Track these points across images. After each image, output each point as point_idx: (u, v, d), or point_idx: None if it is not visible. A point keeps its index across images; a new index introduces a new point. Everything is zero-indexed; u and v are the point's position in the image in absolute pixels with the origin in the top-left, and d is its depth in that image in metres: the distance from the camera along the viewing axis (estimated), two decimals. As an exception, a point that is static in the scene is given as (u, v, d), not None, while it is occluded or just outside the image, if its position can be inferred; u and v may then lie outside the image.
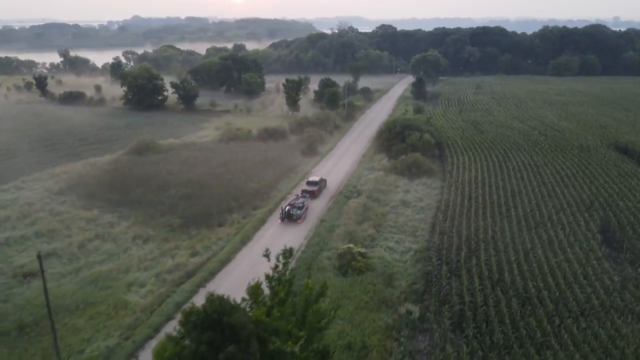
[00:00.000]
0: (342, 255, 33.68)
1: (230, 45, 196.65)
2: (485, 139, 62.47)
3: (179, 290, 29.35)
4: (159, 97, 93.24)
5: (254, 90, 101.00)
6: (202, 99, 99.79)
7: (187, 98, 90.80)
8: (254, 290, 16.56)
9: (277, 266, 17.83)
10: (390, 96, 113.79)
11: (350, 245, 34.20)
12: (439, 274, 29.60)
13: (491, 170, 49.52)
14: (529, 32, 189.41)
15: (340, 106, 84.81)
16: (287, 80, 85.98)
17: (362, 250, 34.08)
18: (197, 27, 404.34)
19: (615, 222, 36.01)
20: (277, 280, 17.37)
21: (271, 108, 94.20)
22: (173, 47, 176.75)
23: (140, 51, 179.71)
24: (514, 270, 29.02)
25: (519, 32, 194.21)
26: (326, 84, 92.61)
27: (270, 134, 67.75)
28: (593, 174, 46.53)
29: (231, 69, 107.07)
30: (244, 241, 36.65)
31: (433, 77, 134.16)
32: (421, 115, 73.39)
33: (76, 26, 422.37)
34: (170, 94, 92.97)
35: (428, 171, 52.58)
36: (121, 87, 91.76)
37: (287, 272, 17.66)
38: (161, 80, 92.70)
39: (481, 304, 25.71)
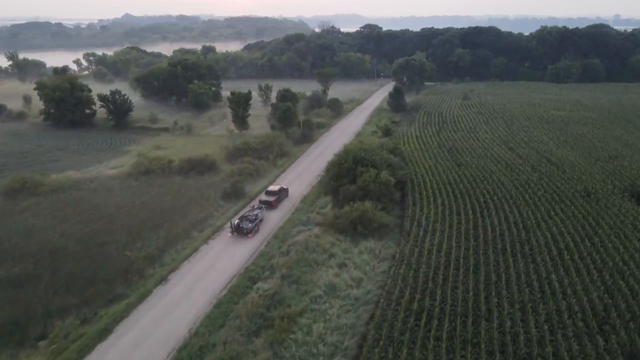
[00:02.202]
0: None
1: (207, 46, 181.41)
2: (463, 175, 48.56)
3: None
4: (87, 111, 79.21)
5: (202, 102, 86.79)
6: (143, 113, 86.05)
7: (118, 113, 76.79)
8: None
9: None
10: (364, 108, 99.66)
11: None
12: None
13: (462, 234, 35.62)
14: (528, 31, 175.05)
15: (296, 125, 70.83)
16: (231, 92, 72.09)
17: (227, 414, 20.37)
18: (182, 27, 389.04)
19: (647, 355, 22.16)
20: None
21: (219, 125, 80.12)
22: (137, 49, 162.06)
23: (100, 52, 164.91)
24: None
25: (518, 31, 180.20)
26: (284, 97, 78.59)
27: (194, 166, 53.80)
28: (605, 246, 32.60)
29: (179, 77, 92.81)
30: (49, 384, 22.82)
31: (417, 83, 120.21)
32: (387, 140, 59.34)
33: (59, 25, 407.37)
34: (98, 107, 79.01)
35: (379, 230, 38.78)
36: (40, 99, 77.72)
37: None
38: (88, 91, 78.55)
39: None
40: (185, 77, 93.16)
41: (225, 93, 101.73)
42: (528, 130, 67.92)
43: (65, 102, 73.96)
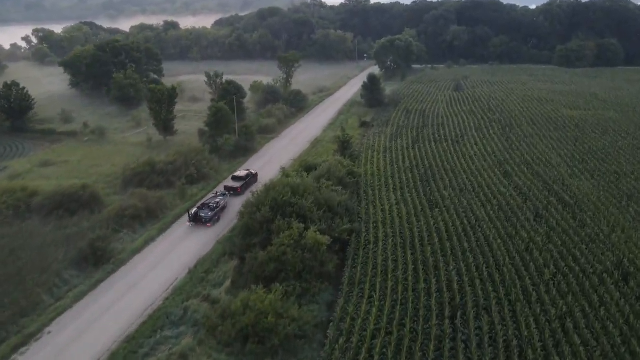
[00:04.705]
0: None
1: (169, 21, 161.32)
2: (435, 228, 33.14)
3: None
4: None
5: (129, 96, 70.25)
6: (62, 107, 70.16)
7: (14, 112, 60.83)
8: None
9: None
10: (336, 99, 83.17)
11: None
12: None
13: (414, 378, 20.53)
14: (535, 4, 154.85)
15: (232, 131, 54.95)
16: (151, 89, 55.95)
17: None
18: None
19: None
20: None
21: (143, 129, 63.82)
22: (90, 24, 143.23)
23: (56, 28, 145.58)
24: None
25: (523, 4, 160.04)
26: (227, 91, 62.55)
27: (63, 202, 38.18)
28: None
29: (108, 64, 76.05)
30: None
31: (403, 67, 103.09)
32: (341, 161, 43.40)
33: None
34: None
35: (287, 342, 23.75)
36: None
37: None
38: (-24, 85, 62.33)
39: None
40: (115, 63, 76.38)
41: (176, 80, 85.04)
42: (531, 141, 51.87)
43: (-61, 99, 58.03)
